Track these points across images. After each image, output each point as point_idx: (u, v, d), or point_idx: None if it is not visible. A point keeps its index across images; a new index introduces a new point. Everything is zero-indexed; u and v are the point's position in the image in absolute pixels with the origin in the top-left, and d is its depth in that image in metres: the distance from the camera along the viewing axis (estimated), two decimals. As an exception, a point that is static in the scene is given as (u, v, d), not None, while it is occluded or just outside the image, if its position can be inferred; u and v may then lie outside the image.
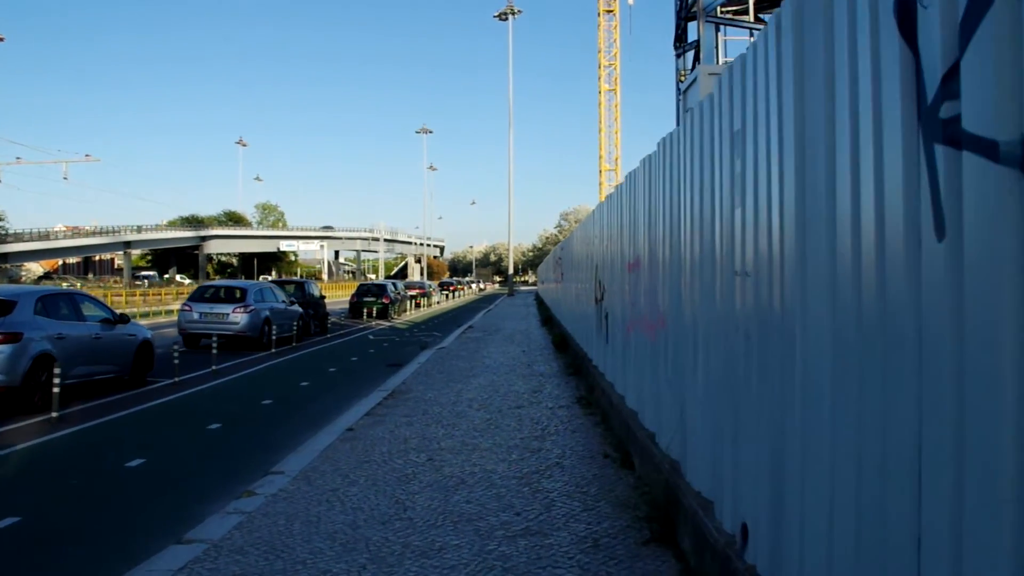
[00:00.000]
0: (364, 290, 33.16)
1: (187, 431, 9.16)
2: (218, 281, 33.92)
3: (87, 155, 58.49)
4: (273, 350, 17.60)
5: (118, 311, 12.92)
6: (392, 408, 9.94)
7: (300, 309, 20.79)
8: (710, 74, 9.55)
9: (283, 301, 19.80)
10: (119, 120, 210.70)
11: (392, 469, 6.82)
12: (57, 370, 9.40)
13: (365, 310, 31.27)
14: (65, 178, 54.11)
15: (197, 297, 18.37)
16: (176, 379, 12.60)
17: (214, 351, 14.19)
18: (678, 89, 23.77)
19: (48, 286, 20.70)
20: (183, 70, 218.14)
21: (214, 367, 14.10)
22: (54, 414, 9.41)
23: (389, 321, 30.90)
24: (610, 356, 8.80)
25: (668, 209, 5.33)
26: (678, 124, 6.52)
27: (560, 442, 7.63)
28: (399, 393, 11.19)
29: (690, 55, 23.97)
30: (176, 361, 12.70)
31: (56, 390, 9.31)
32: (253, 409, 10.65)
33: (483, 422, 8.80)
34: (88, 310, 11.37)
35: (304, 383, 13.03)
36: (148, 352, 12.44)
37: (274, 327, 18.38)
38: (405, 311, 36.93)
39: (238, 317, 17.51)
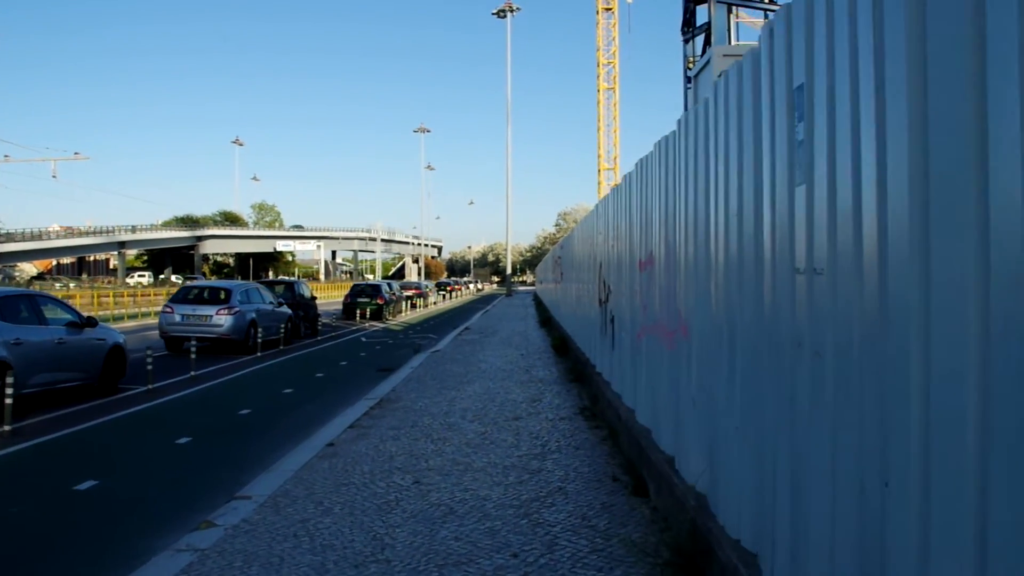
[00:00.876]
0: (358, 291, 32.30)
1: (153, 446, 8.35)
2: (201, 282, 33.08)
3: (76, 153, 57.54)
4: (259, 354, 16.77)
5: (86, 313, 12.09)
6: (379, 419, 9.14)
7: (289, 311, 19.97)
8: (725, 56, 8.76)
9: (271, 302, 18.98)
10: (113, 120, 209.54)
11: (373, 494, 6.01)
12: (10, 379, 8.57)
13: (359, 311, 30.42)
14: (54, 176, 53.16)
15: (179, 298, 17.53)
16: (150, 386, 11.77)
17: (192, 356, 13.36)
18: (686, 78, 22.91)
19: (9, 288, 19.82)
20: (177, 68, 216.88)
21: (193, 372, 13.28)
22: (6, 427, 8.59)
23: (383, 322, 30.07)
24: (617, 363, 8.00)
25: (691, 196, 4.54)
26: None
27: (563, 461, 6.83)
28: (388, 402, 10.39)
29: (699, 41, 23.01)
30: (150, 367, 11.87)
31: (8, 401, 8.48)
32: (229, 420, 9.83)
33: (477, 436, 7.99)
34: (51, 312, 10.54)
35: (287, 390, 12.21)
36: (120, 357, 11.60)
37: (260, 329, 17.56)
38: (400, 312, 36.12)
39: (222, 319, 16.68)
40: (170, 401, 11.05)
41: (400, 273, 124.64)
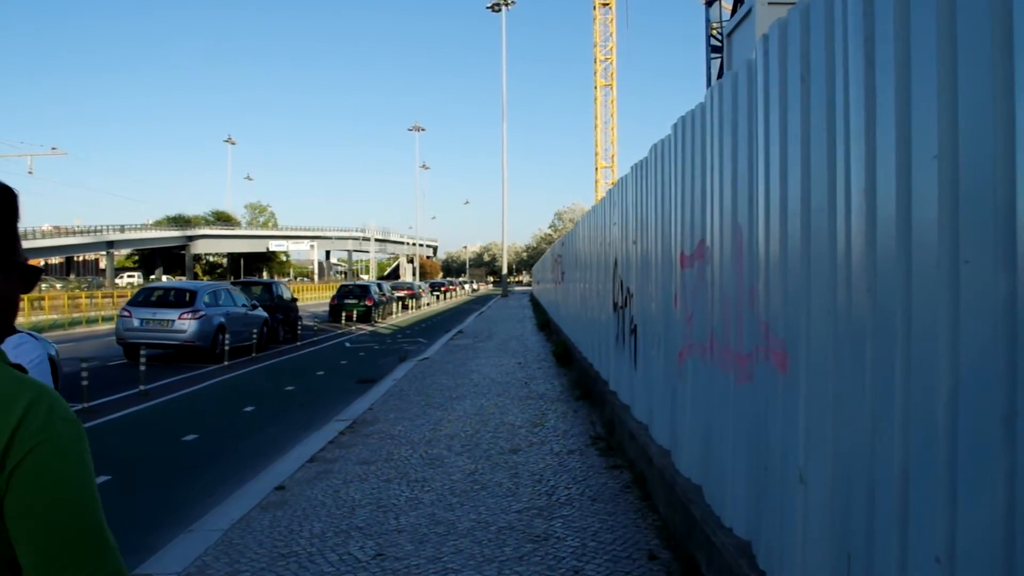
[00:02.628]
0: (345, 292, 30.56)
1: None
2: (165, 282, 31.32)
3: (53, 148, 55.40)
4: (226, 363, 15.02)
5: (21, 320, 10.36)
6: (347, 448, 7.48)
7: (264, 314, 18.25)
8: (771, 3, 7.13)
9: (244, 305, 17.27)
10: (104, 119, 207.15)
11: (318, 575, 4.36)
12: None
13: (345, 313, 28.69)
14: (30, 172, 50.95)
15: (138, 301, 15.78)
16: (85, 405, 10.08)
17: (142, 367, 11.63)
18: (710, 47, 21.02)
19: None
20: (166, 64, 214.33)
21: (142, 387, 11.58)
22: None
23: (372, 325, 28.34)
24: (642, 386, 6.35)
25: (790, 150, 2.88)
26: (709, 87, 4.45)
27: (576, 522, 5.16)
28: (362, 424, 8.72)
29: (721, 5, 21.02)
30: (84, 383, 10.16)
31: None
32: (166, 449, 8.16)
33: (464, 478, 6.33)
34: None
35: (249, 408, 10.54)
36: (51, 373, 9.89)
37: (229, 335, 15.87)
38: (391, 314, 34.40)
39: (185, 324, 14.98)
40: (104, 423, 9.36)
41: (395, 273, 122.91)
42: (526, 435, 7.96)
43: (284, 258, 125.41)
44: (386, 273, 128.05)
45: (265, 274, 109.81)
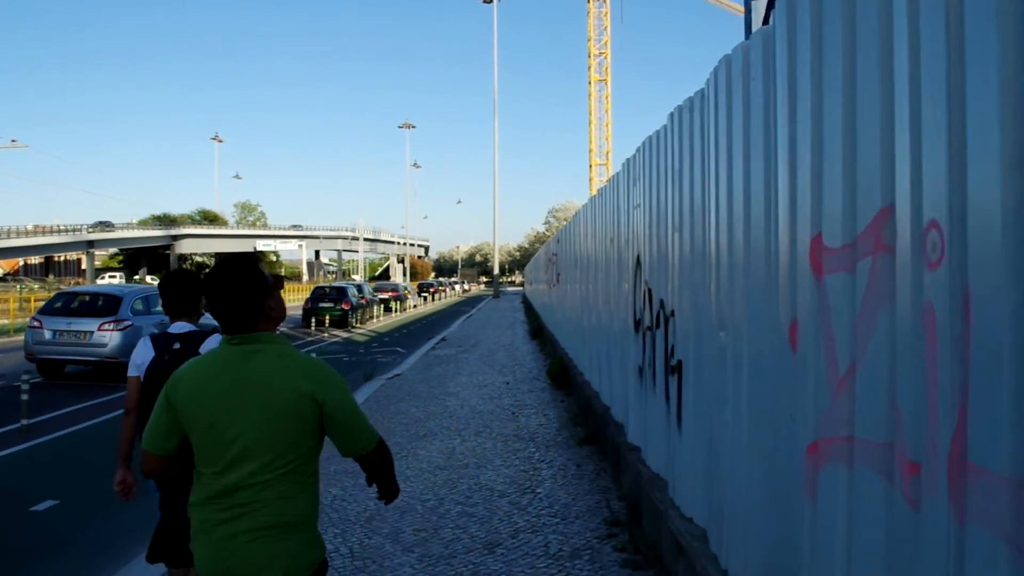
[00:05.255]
0: (320, 295, 27.95)
1: None
2: (84, 286, 28.59)
3: (13, 140, 52.58)
4: (155, 383, 12.49)
5: None
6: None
7: (214, 322, 15.68)
8: None
9: (186, 312, 14.73)
10: (86, 117, 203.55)
11: None
12: None
13: (318, 318, 26.12)
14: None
15: (54, 308, 13.17)
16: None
17: (24, 396, 9.09)
18: None
19: None
20: (150, 62, 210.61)
21: (24, 422, 9.06)
22: None
23: (348, 331, 25.77)
24: (693, 459, 3.90)
25: None
26: (748, 37, 3.28)
27: None
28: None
29: None
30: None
31: None
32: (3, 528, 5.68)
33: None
34: None
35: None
36: None
37: (164, 349, 13.34)
38: (371, 318, 31.84)
39: (105, 337, 12.44)
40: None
41: (385, 274, 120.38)
42: (509, 512, 5.49)
43: (274, 258, 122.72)
44: (377, 273, 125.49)
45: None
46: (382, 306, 35.49)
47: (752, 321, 2.96)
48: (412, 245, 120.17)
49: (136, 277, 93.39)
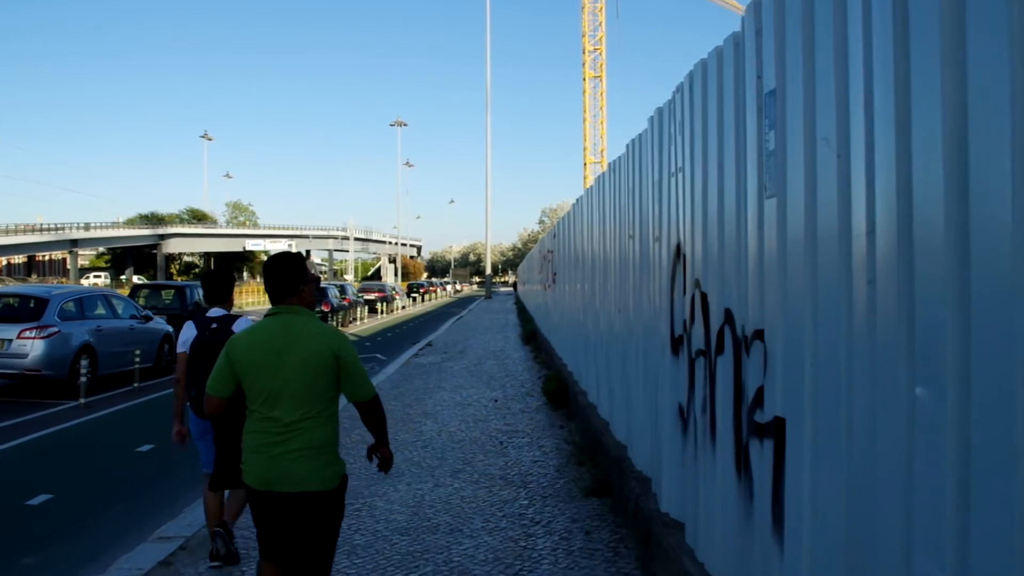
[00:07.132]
0: (299, 295, 26.11)
1: None
2: (5, 287, 26.61)
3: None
4: (83, 400, 10.59)
5: None
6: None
7: (166, 328, 13.87)
8: None
9: (131, 316, 12.91)
10: (80, 114, 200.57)
11: None
12: None
13: (295, 322, 24.26)
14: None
15: (-34, 313, 11.39)
16: None
17: None
18: None
19: None
20: (137, 58, 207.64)
21: None
22: None
23: (328, 335, 23.94)
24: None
25: None
26: None
27: None
28: (191, 551, 4.48)
29: None
30: None
31: None
32: None
33: None
34: None
35: (35, 500, 6.24)
36: None
37: (100, 359, 11.55)
38: (354, 320, 29.98)
39: (27, 345, 10.62)
40: None
41: (377, 274, 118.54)
42: (490, 623, 3.72)
43: (264, 257, 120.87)
44: (370, 273, 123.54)
45: (246, 275, 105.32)
46: (366, 308, 33.65)
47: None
48: (404, 245, 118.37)
49: (123, 277, 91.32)
